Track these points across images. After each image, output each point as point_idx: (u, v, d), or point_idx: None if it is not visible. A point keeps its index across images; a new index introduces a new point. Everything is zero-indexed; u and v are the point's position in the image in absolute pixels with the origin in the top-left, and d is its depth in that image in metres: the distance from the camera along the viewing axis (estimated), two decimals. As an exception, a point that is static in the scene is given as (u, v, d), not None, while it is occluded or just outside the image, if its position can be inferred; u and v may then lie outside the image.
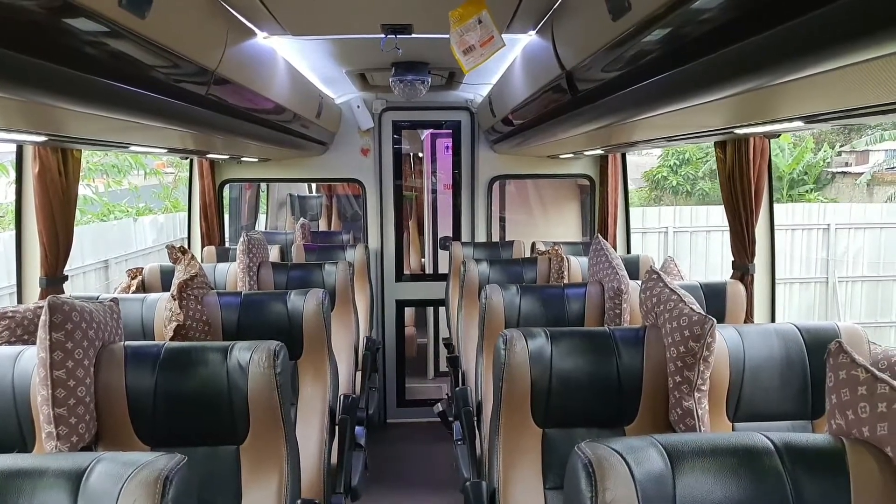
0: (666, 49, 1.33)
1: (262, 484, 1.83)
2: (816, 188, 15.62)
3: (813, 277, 10.06)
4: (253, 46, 2.27)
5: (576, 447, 1.16)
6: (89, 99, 1.39)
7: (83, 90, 1.33)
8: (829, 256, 10.06)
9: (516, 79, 2.75)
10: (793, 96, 1.44)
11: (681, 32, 1.24)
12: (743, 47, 1.07)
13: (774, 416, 1.95)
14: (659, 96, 1.54)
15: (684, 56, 1.27)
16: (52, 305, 1.66)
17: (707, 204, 13.48)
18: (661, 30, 1.29)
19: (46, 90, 1.24)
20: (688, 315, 1.82)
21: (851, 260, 10.12)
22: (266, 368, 1.83)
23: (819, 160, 15.40)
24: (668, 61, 1.34)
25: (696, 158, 15.86)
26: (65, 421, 1.66)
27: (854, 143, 14.39)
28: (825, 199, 14.59)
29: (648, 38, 1.36)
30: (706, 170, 15.56)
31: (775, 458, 1.11)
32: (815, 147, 15.38)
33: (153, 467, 1.12)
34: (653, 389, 1.92)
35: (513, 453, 1.92)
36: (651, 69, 1.43)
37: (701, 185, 15.95)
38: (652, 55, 1.40)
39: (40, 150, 2.55)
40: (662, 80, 1.41)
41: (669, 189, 16.44)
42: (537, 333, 1.97)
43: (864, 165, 15.71)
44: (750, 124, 1.93)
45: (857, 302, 10.18)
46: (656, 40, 1.34)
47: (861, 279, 10.10)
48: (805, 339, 1.96)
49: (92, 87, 1.34)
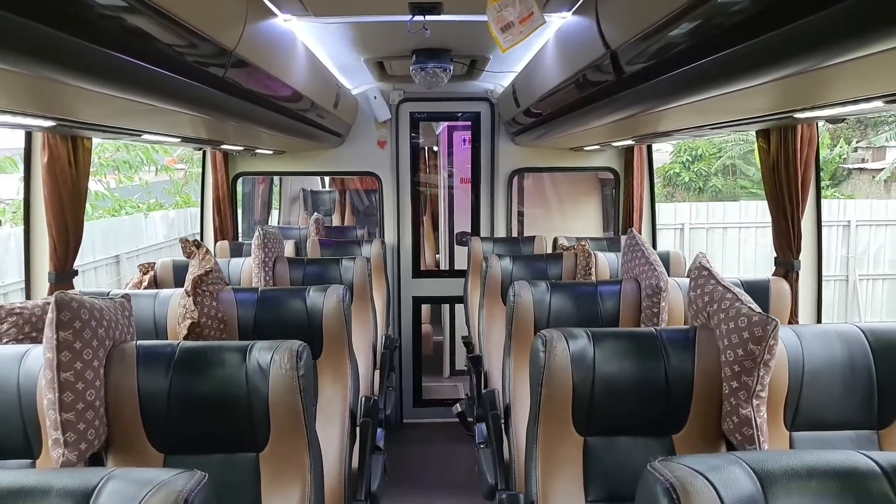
0: (719, 27, 1.20)
1: (283, 495, 1.71)
2: (833, 184, 15.37)
3: (833, 275, 9.84)
4: (272, 28, 2.14)
5: (649, 466, 1.02)
6: (102, 75, 1.28)
7: (96, 65, 1.22)
8: (849, 254, 9.84)
9: (548, 62, 2.60)
10: (859, 76, 1.31)
11: (736, 8, 1.12)
12: (804, 24, 0.97)
13: (836, 425, 1.81)
14: (710, 78, 1.42)
15: (740, 34, 1.14)
16: (60, 302, 1.54)
17: (719, 201, 13.28)
18: (715, 7, 1.17)
19: (57, 62, 1.13)
20: (747, 315, 1.67)
21: (872, 257, 9.90)
22: (288, 370, 1.70)
23: (835, 156, 15.14)
24: (721, 40, 1.22)
25: (708, 155, 15.64)
26: (73, 427, 1.54)
27: (871, 139, 14.13)
28: (842, 196, 14.34)
29: (700, 15, 1.23)
30: (719, 166, 15.35)
31: (883, 481, 0.97)
32: (830, 143, 15.12)
33: (171, 488, 0.99)
34: (704, 395, 1.78)
35: (552, 463, 1.79)
36: (703, 49, 1.30)
37: (713, 181, 15.73)
38: (704, 34, 1.27)
39: (49, 140, 2.44)
40: (714, 60, 1.29)
41: (682, 185, 16.24)
42: (578, 334, 1.83)
43: (882, 161, 15.43)
44: (812, 107, 1.78)
45: (879, 300, 9.95)
46: (709, 18, 1.22)
47: (882, 277, 9.87)
48: (870, 342, 1.81)
49: (105, 62, 1.22)
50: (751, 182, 14.61)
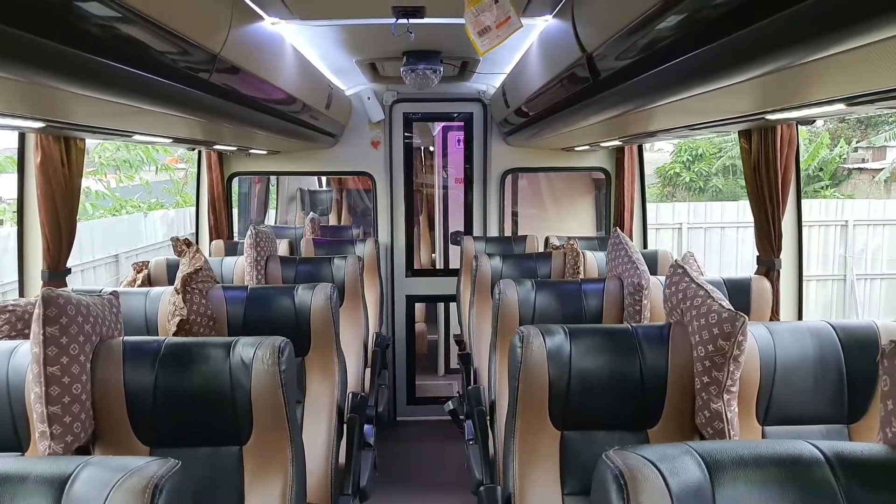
0: (695, 26, 1.23)
1: (265, 487, 1.75)
2: (832, 184, 15.36)
3: (830, 275, 9.86)
4: (259, 31, 2.18)
5: (603, 455, 1.06)
6: (90, 80, 1.32)
7: (84, 70, 1.26)
8: (847, 253, 9.85)
9: (532, 66, 2.64)
10: (830, 75, 1.34)
11: (710, 7, 1.15)
12: (776, 21, 0.99)
13: (808, 419, 1.84)
14: (686, 77, 1.45)
15: (714, 33, 1.17)
16: (46, 298, 1.58)
17: (720, 200, 13.30)
18: (690, 5, 1.20)
19: (45, 69, 1.17)
20: (717, 312, 1.71)
21: (870, 257, 9.91)
22: (270, 366, 1.74)
23: (835, 156, 15.13)
24: (696, 40, 1.25)
25: (709, 154, 15.65)
26: (59, 420, 1.59)
27: (872, 138, 14.11)
28: (841, 196, 14.33)
29: (675, 15, 1.26)
30: (719, 166, 15.35)
31: (826, 468, 1.00)
32: (830, 143, 15.11)
33: (143, 474, 1.03)
34: (678, 391, 1.82)
35: (529, 456, 1.83)
36: (678, 48, 1.33)
37: (714, 181, 15.73)
38: (679, 33, 1.31)
39: (42, 140, 2.48)
40: (690, 59, 1.32)
41: (682, 185, 16.24)
42: (555, 330, 1.87)
43: (882, 161, 15.41)
44: (783, 108, 1.82)
45: (876, 300, 9.96)
46: (684, 17, 1.25)
47: (880, 276, 9.88)
48: (841, 338, 1.85)
49: (93, 67, 1.26)
50: (751, 182, 14.55)
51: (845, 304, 9.91)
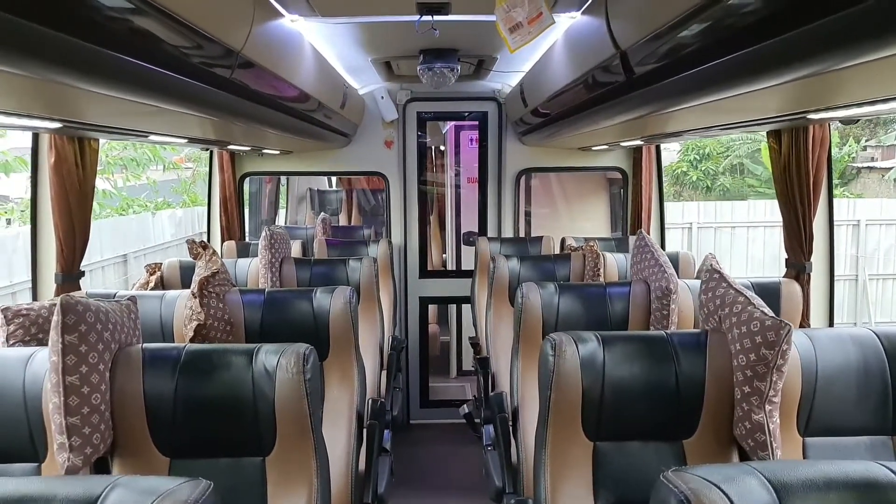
0: (733, 27, 1.18)
1: (289, 499, 1.69)
2: (842, 183, 15.24)
3: (842, 275, 9.75)
4: (279, 28, 2.12)
5: (662, 476, 1.00)
6: (108, 77, 1.27)
7: (101, 67, 1.20)
8: (859, 253, 9.75)
9: (557, 62, 2.58)
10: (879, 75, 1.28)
11: (752, 7, 1.09)
12: (818, 26, 0.94)
13: (850, 430, 1.77)
14: (725, 78, 1.38)
15: (753, 35, 1.12)
16: (65, 305, 1.53)
17: (727, 200, 13.20)
18: (733, 5, 1.14)
19: (63, 65, 1.12)
20: (759, 319, 1.65)
21: (882, 257, 9.81)
22: (295, 374, 1.69)
23: (844, 155, 15.01)
24: (735, 41, 1.19)
25: (716, 153, 15.55)
26: (78, 431, 1.53)
27: (881, 137, 14.00)
28: (851, 195, 14.22)
29: (714, 14, 1.20)
30: (726, 165, 15.25)
31: None
32: (839, 142, 14.99)
33: (176, 497, 0.97)
34: (715, 400, 1.75)
35: (561, 468, 1.76)
36: (716, 49, 1.28)
37: (721, 180, 15.64)
38: (718, 34, 1.25)
39: (56, 140, 2.43)
40: (728, 61, 1.26)
41: (689, 184, 16.15)
42: (588, 338, 1.80)
43: (891, 161, 15.28)
44: (827, 108, 1.75)
45: (889, 301, 9.86)
46: (722, 17, 1.19)
47: (893, 277, 9.78)
48: (885, 346, 1.78)
49: (111, 64, 1.21)
50: (758, 181, 14.52)
51: (857, 305, 9.81)
